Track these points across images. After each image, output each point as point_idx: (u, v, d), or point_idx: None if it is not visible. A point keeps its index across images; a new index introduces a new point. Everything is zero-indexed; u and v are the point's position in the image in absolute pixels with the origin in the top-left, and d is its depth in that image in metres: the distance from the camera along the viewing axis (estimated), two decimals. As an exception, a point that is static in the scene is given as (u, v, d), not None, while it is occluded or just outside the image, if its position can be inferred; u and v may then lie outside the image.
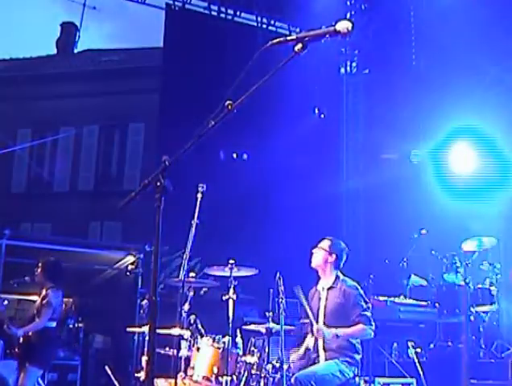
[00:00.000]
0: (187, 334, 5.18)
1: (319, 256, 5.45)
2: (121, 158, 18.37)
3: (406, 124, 10.26)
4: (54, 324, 6.39)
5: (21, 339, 6.25)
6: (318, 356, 5.25)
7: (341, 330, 5.14)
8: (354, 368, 5.18)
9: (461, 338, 7.16)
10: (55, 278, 6.49)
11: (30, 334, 6.26)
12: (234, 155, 9.74)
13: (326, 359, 5.19)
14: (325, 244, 5.47)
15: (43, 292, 6.40)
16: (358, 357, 5.26)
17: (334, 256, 5.44)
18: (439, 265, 7.91)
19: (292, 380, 4.86)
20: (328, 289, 5.42)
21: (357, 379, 5.20)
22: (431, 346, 7.57)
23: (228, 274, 5.13)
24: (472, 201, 9.36)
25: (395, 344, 7.70)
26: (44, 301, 6.31)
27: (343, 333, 5.14)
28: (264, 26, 11.24)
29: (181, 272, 5.09)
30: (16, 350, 6.28)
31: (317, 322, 5.33)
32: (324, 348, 5.23)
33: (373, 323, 5.26)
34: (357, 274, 5.97)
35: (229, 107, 2.19)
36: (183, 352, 5.15)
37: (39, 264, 6.50)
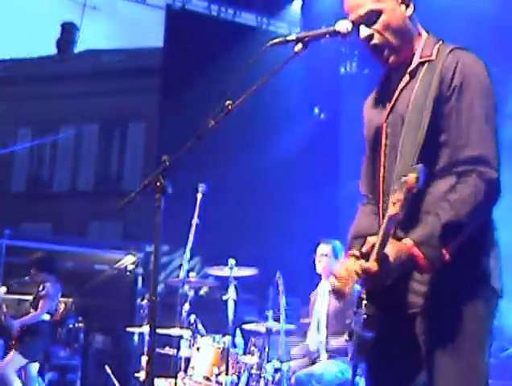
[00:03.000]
0: (187, 334, 5.18)
1: (325, 263, 5.44)
2: (121, 158, 18.38)
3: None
4: (46, 317, 6.30)
5: (18, 330, 6.18)
6: (319, 356, 5.25)
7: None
8: (354, 368, 5.17)
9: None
10: (51, 270, 6.43)
11: (26, 327, 6.19)
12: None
13: (327, 359, 5.20)
14: (328, 249, 5.45)
15: (41, 285, 6.33)
16: (358, 357, 5.26)
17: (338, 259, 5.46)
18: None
19: (292, 380, 4.86)
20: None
21: (357, 378, 5.20)
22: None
23: (228, 274, 5.13)
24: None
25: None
26: (43, 293, 6.22)
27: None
28: (264, 26, 11.23)
29: (181, 272, 5.09)
30: (13, 342, 6.21)
31: (318, 325, 5.35)
32: (324, 348, 5.24)
33: None
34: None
35: (229, 107, 2.19)
36: (183, 352, 5.15)
37: (31, 264, 6.46)
